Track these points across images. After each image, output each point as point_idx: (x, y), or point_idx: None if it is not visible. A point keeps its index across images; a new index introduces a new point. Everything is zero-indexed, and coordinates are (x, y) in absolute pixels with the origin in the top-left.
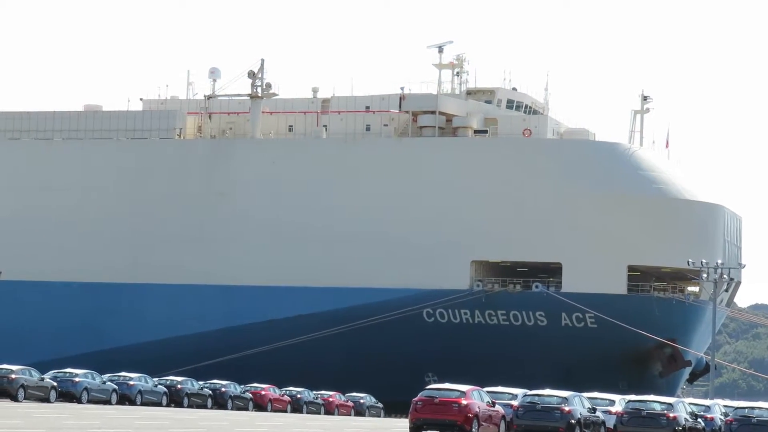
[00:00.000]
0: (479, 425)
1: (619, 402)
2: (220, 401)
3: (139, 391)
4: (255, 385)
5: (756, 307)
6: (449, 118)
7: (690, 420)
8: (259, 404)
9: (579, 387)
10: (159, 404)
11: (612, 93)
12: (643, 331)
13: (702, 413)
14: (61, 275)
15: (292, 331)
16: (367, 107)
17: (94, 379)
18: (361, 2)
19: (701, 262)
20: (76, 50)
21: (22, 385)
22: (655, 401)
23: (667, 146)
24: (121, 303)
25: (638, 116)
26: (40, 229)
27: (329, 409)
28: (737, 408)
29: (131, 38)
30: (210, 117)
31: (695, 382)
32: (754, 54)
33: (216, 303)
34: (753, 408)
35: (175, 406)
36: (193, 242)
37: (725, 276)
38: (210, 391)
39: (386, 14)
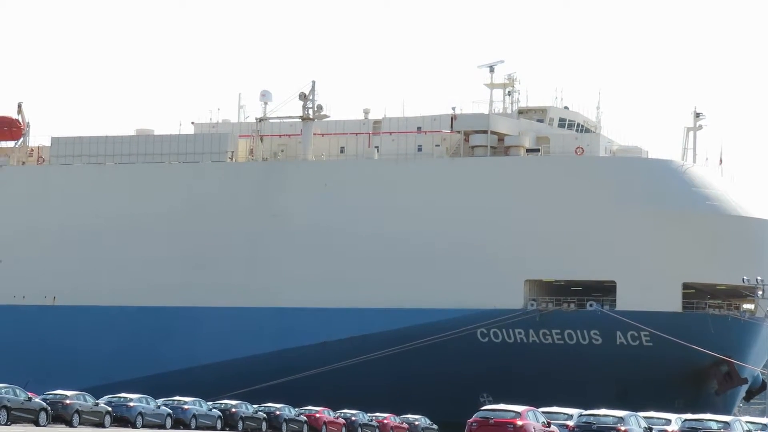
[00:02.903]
0: None
1: (675, 421)
2: (274, 424)
3: (194, 415)
4: (309, 407)
5: None
6: (501, 138)
7: None
8: (314, 427)
9: (635, 406)
10: (214, 428)
11: (664, 110)
12: (699, 348)
13: (759, 431)
14: (114, 300)
15: (345, 353)
16: (419, 128)
17: (148, 403)
18: (412, 23)
19: (756, 278)
20: (127, 74)
21: (77, 411)
22: (711, 420)
23: (720, 163)
24: (175, 326)
25: (691, 133)
26: (93, 254)
27: (384, 430)
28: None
29: (182, 62)
30: (261, 140)
31: (752, 401)
32: None
33: (269, 325)
34: None
35: (230, 430)
36: (245, 264)
37: None
38: (264, 415)
39: (436, 34)
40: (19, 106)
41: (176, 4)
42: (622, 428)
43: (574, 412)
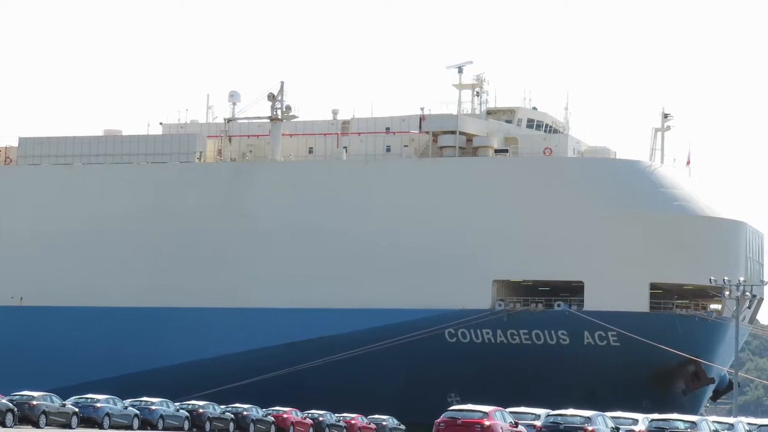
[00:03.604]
0: None
1: (642, 421)
2: (242, 425)
3: (161, 416)
4: (277, 408)
5: None
6: (469, 138)
7: None
8: (281, 428)
9: (602, 406)
10: (181, 429)
11: (632, 111)
12: (666, 348)
13: (726, 431)
14: (82, 300)
15: (312, 354)
16: (387, 128)
17: (115, 404)
18: (380, 24)
19: (723, 279)
20: (95, 75)
21: (44, 412)
22: (678, 420)
23: (688, 163)
24: (142, 327)
25: (659, 134)
26: (60, 254)
27: (351, 431)
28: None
29: (150, 63)
30: (230, 140)
31: (719, 400)
32: None
33: (237, 326)
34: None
35: (197, 431)
36: (214, 265)
37: (747, 293)
38: (232, 415)
39: (405, 35)
40: None
41: (145, 6)
42: (589, 428)
43: (541, 412)
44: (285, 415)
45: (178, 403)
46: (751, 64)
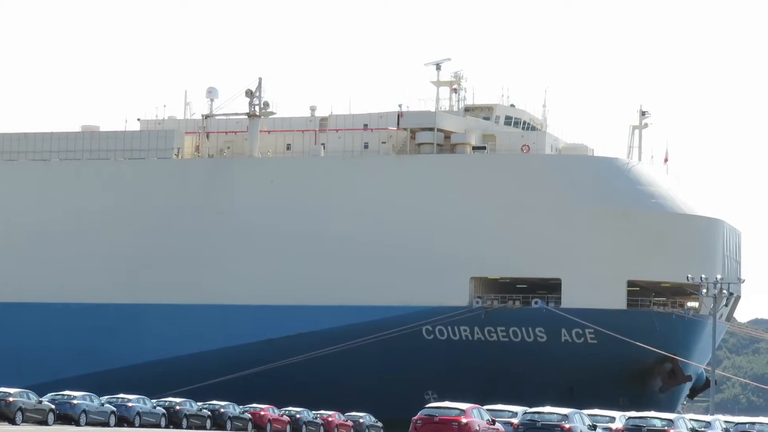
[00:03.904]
0: None
1: (619, 418)
2: (219, 422)
3: (138, 413)
4: (254, 405)
5: (756, 322)
6: (447, 135)
7: None
8: (258, 425)
9: (580, 403)
10: (158, 426)
11: (610, 108)
12: (643, 345)
13: (703, 429)
14: (59, 296)
15: (290, 350)
16: (365, 125)
17: (92, 401)
18: (358, 20)
19: (701, 277)
20: (72, 71)
21: (20, 408)
22: (655, 417)
23: (666, 161)
24: (120, 323)
25: (636, 131)
26: (37, 250)
27: (329, 428)
28: (737, 424)
29: (128, 58)
30: (208, 136)
31: (696, 398)
32: (753, 67)
33: (214, 323)
34: (753, 423)
35: (174, 428)
36: (191, 262)
37: (725, 291)
38: (209, 412)
39: (383, 32)
40: None
41: (123, 3)
42: (567, 426)
43: (518, 409)
44: (262, 413)
45: (155, 400)
46: (728, 62)
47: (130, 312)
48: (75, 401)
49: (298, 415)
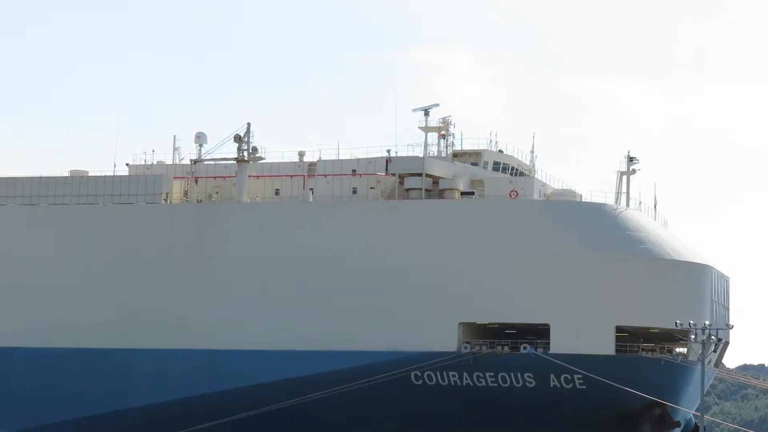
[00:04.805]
0: None
1: None
2: None
3: None
4: None
5: (744, 368)
6: (436, 181)
7: None
8: None
9: None
10: None
11: (598, 154)
12: (632, 391)
13: None
14: (47, 341)
15: (278, 396)
16: (354, 170)
17: None
18: (346, 66)
19: (689, 322)
20: (61, 116)
21: None
22: None
23: (655, 207)
24: (107, 368)
25: (624, 177)
26: (25, 295)
27: None
28: None
29: (117, 103)
30: (196, 181)
31: None
32: (741, 114)
33: (202, 367)
34: None
35: None
36: (179, 306)
37: (713, 336)
38: None
39: (372, 78)
40: None
41: (111, 48)
42: None
43: None
44: None
45: None
46: (716, 108)
47: (118, 357)
48: None
49: None
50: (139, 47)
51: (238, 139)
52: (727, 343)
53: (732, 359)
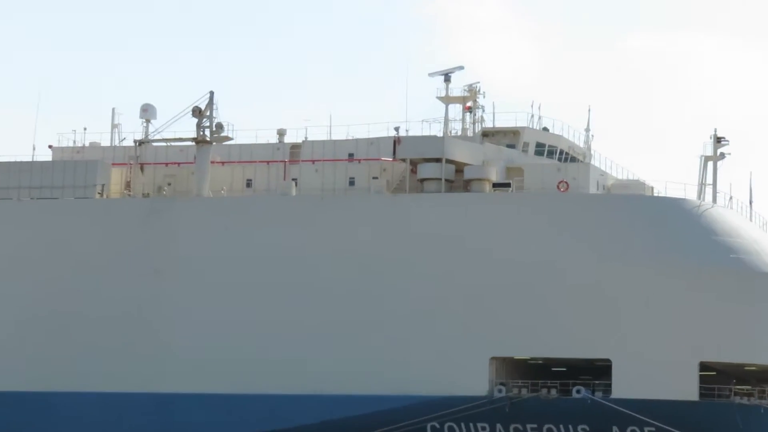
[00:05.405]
0: None
1: None
2: None
3: None
4: None
5: None
6: (460, 168)
7: None
8: None
9: None
10: None
11: (674, 133)
12: None
13: None
14: None
15: None
16: (351, 154)
17: None
18: (339, 16)
19: None
20: None
21: None
22: None
23: (750, 203)
24: (23, 416)
25: (710, 164)
26: None
27: None
28: None
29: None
30: (142, 169)
31: None
32: None
33: (148, 417)
34: None
35: None
36: (119, 336)
37: None
38: None
39: (374, 32)
40: None
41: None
42: None
43: None
44: None
45: None
46: None
47: (37, 401)
48: None
49: None
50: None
51: (197, 112)
52: None
53: None
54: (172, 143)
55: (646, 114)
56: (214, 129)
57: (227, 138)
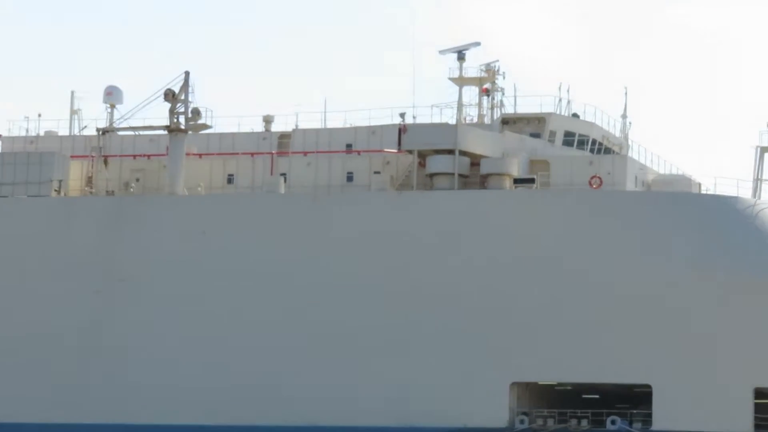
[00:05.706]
0: None
1: None
2: None
3: None
4: None
5: None
6: (475, 161)
7: None
8: None
9: None
10: None
11: (723, 121)
12: None
13: None
14: None
15: None
16: (349, 145)
17: None
18: None
19: None
20: None
21: None
22: None
23: None
24: None
25: (766, 155)
26: None
27: None
28: None
29: None
30: (106, 162)
31: None
32: None
33: None
34: None
35: None
36: (75, 358)
37: None
38: None
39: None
40: None
41: None
42: None
43: None
44: None
45: None
46: None
47: None
48: None
49: None
50: None
51: (170, 96)
52: None
53: None
54: (141, 132)
55: (693, 98)
56: (189, 115)
57: (205, 126)
